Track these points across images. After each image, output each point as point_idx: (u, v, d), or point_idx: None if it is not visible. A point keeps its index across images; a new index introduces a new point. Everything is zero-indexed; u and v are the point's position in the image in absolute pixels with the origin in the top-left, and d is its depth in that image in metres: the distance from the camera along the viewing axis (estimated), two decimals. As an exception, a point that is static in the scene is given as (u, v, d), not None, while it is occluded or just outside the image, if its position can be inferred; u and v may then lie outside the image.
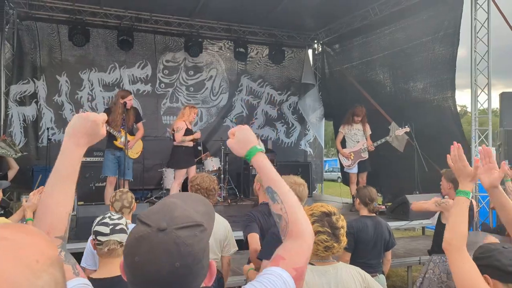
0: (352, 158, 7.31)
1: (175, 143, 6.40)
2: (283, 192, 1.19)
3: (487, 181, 1.78)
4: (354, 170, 7.31)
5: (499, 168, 1.78)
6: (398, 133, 7.01)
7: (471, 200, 3.76)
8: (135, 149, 6.20)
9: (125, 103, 5.96)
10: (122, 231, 2.17)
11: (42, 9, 8.21)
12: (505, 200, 1.81)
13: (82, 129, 1.18)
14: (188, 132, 6.37)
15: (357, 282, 2.06)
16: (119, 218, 2.24)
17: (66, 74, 8.61)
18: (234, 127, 1.35)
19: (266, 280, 1.05)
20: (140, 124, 6.33)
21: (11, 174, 6.57)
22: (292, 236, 1.16)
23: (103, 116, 1.23)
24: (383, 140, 7.11)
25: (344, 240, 2.07)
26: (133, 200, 3.11)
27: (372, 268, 3.36)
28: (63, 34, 8.47)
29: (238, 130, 1.33)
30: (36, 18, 8.33)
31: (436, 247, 3.81)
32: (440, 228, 3.81)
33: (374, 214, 3.63)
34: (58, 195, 1.12)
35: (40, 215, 1.11)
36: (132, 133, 6.26)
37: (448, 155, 1.80)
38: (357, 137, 7.32)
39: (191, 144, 6.51)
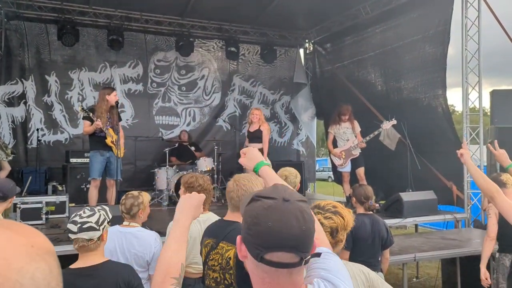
0: (343, 157, 7.31)
1: None
2: None
3: None
4: (347, 168, 7.31)
5: None
6: (386, 127, 7.02)
7: None
8: (121, 148, 6.05)
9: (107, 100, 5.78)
10: (90, 229, 2.25)
11: (30, 8, 8.09)
12: None
13: (191, 206, 1.59)
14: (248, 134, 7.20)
15: (360, 281, 1.95)
16: (89, 216, 2.29)
17: (55, 74, 8.48)
18: (244, 148, 1.78)
19: (329, 263, 1.22)
20: (119, 124, 6.13)
21: (3, 174, 6.45)
22: None
23: (203, 197, 1.65)
24: (371, 135, 7.09)
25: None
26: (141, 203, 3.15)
27: (371, 267, 3.35)
28: (52, 34, 8.35)
29: (248, 150, 1.75)
30: (24, 18, 8.21)
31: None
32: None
33: (370, 212, 3.64)
34: (173, 248, 1.44)
35: (159, 262, 1.44)
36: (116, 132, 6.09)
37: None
38: (346, 136, 7.32)
39: (252, 145, 6.92)
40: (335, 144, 7.46)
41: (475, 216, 6.57)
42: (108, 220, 2.35)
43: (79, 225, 2.24)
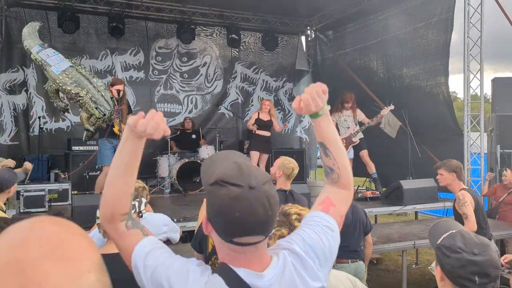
0: (344, 144, 7.32)
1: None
2: (336, 150, 1.31)
3: None
4: (349, 155, 7.34)
5: None
6: (384, 112, 7.01)
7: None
8: None
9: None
10: None
11: (30, -5, 8.04)
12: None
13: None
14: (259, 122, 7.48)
15: (347, 286, 1.91)
16: None
17: (56, 61, 8.46)
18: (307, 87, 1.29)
19: (315, 226, 1.21)
20: (129, 116, 6.24)
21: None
22: (342, 187, 1.33)
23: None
24: (370, 122, 7.09)
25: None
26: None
27: (355, 254, 3.43)
28: (53, 21, 8.30)
29: (317, 86, 1.30)
30: (25, 5, 8.15)
31: None
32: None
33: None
34: (126, 178, 1.21)
35: (102, 197, 1.21)
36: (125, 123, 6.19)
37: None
38: (347, 123, 7.34)
39: (262, 133, 7.50)
40: (335, 132, 7.46)
41: (475, 204, 6.59)
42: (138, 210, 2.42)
43: None
